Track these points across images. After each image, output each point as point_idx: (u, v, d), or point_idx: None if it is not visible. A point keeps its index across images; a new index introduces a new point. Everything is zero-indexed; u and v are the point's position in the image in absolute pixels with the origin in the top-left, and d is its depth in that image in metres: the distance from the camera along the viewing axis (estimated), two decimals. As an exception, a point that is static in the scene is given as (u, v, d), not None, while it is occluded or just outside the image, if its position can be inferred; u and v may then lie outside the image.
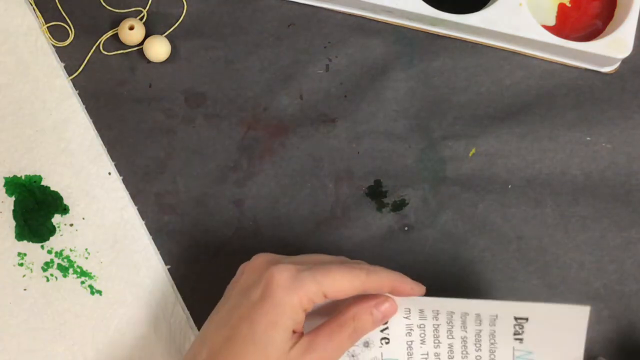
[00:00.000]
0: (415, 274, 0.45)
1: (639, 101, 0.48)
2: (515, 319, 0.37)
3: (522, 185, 0.47)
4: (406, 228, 0.47)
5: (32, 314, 0.47)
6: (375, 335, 0.39)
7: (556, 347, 0.37)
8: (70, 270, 0.48)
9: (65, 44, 0.51)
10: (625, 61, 0.48)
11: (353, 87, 0.50)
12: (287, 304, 0.35)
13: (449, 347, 0.39)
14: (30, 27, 0.51)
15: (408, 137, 0.49)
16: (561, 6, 0.50)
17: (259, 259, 0.39)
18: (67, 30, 0.52)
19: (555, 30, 0.49)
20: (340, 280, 0.36)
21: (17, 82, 0.50)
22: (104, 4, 0.52)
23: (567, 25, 0.50)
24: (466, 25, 0.48)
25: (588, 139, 0.48)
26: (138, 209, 0.49)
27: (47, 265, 0.48)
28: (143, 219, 0.48)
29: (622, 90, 0.49)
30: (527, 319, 0.37)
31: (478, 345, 0.38)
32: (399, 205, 0.48)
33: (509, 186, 0.47)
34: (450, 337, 0.39)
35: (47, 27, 0.51)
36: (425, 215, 0.47)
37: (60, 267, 0.48)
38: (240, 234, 0.48)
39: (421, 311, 0.38)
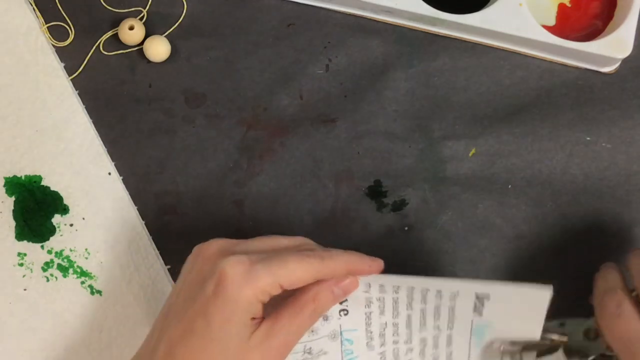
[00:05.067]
0: (414, 274, 0.45)
1: (639, 101, 0.48)
2: (477, 295, 0.37)
3: (522, 185, 0.47)
4: (406, 228, 0.47)
5: (32, 314, 0.47)
6: (333, 308, 0.39)
7: (514, 321, 0.37)
8: (70, 270, 0.48)
9: (65, 44, 0.51)
10: (625, 61, 0.48)
11: (353, 87, 0.50)
12: (242, 299, 0.35)
13: (407, 318, 0.39)
14: (30, 27, 0.51)
15: (408, 137, 0.49)
16: (561, 6, 0.50)
17: (213, 247, 0.38)
18: (67, 30, 0.52)
19: (555, 30, 0.49)
20: (295, 271, 0.35)
21: (17, 82, 0.50)
22: (104, 4, 0.52)
23: (567, 25, 0.50)
24: (466, 25, 0.48)
25: (588, 139, 0.48)
26: (138, 209, 0.49)
27: (47, 265, 0.48)
28: (143, 219, 0.48)
29: (622, 90, 0.49)
30: (488, 296, 0.37)
31: (437, 316, 0.39)
32: (399, 205, 0.48)
33: (509, 186, 0.47)
34: (409, 308, 0.39)
35: (47, 27, 0.51)
36: (425, 215, 0.47)
37: (60, 267, 0.48)
38: (240, 234, 0.48)
39: (381, 286, 0.38)
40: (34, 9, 0.52)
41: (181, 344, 0.35)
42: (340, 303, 0.39)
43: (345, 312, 0.39)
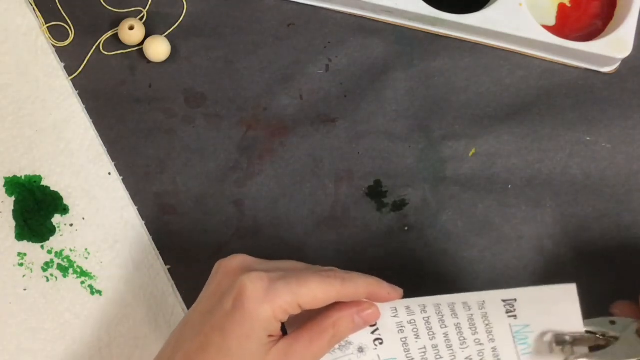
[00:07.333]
0: (415, 274, 0.45)
1: (639, 101, 0.48)
2: (503, 301, 0.37)
3: (522, 185, 0.47)
4: (406, 228, 0.47)
5: (32, 314, 0.47)
6: (367, 338, 0.39)
7: (552, 318, 0.37)
8: (70, 270, 0.48)
9: (65, 44, 0.51)
10: (625, 61, 0.49)
11: (353, 87, 0.50)
12: (260, 317, 0.34)
13: (444, 337, 0.38)
14: (30, 27, 0.51)
15: (408, 137, 0.49)
16: (561, 6, 0.50)
17: (234, 262, 0.38)
18: (67, 30, 0.52)
19: (555, 30, 0.49)
20: (315, 290, 0.35)
21: (17, 82, 0.50)
22: (104, 4, 0.52)
23: (567, 25, 0.50)
24: (466, 25, 0.48)
25: (588, 139, 0.48)
26: (138, 209, 0.49)
27: (47, 265, 0.48)
28: (143, 219, 0.48)
29: (622, 90, 0.49)
30: (515, 300, 0.37)
31: (474, 329, 0.38)
32: (399, 205, 0.48)
33: (509, 186, 0.47)
34: (443, 326, 0.38)
35: (47, 27, 0.51)
36: (425, 215, 0.47)
37: (60, 267, 0.48)
38: (240, 234, 0.48)
39: (407, 308, 0.38)
40: (34, 9, 0.52)
41: (197, 357, 0.35)
42: (372, 332, 0.39)
43: (380, 341, 0.39)
